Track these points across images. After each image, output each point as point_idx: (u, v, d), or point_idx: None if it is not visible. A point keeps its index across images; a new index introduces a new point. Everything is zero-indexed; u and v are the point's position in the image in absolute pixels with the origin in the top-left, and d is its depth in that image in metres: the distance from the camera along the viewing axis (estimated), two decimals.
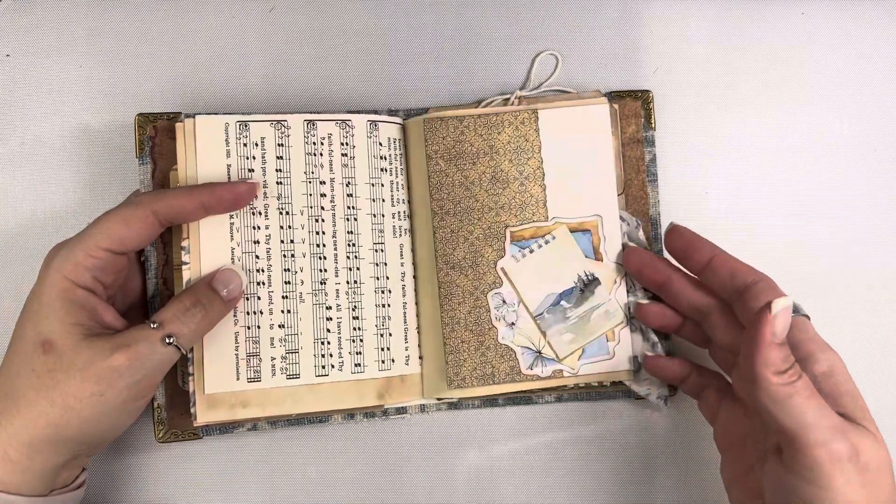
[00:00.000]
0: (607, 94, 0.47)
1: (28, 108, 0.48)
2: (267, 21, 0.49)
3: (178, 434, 0.44)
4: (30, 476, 0.37)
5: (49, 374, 0.37)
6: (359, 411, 0.46)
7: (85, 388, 0.37)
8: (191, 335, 0.40)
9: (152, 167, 0.45)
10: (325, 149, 0.45)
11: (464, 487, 0.47)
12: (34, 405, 0.37)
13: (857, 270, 0.49)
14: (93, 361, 0.37)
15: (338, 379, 0.45)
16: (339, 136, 0.45)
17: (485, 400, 0.46)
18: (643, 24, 0.49)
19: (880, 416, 0.48)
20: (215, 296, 0.41)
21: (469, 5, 0.49)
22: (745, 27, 0.50)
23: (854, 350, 0.48)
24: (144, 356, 0.38)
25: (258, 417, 0.44)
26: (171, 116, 0.45)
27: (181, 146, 0.44)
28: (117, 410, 0.38)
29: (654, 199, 0.47)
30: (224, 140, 0.44)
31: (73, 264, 0.38)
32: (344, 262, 0.45)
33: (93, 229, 0.39)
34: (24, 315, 0.39)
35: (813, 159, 0.49)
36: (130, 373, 0.37)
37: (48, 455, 0.38)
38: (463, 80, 0.49)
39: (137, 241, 0.40)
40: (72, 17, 0.48)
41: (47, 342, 0.37)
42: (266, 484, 0.47)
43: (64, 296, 0.38)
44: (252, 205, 0.44)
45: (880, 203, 0.49)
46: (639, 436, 0.47)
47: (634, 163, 0.47)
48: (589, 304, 0.45)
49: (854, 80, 0.49)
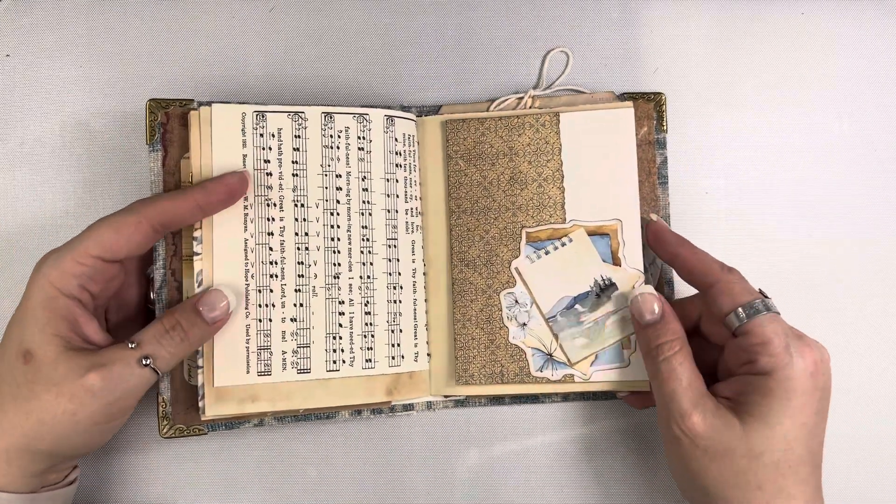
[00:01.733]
0: (620, 96, 0.47)
1: (28, 108, 0.48)
2: (267, 21, 0.49)
3: (183, 430, 0.44)
4: (12, 478, 0.37)
5: (27, 385, 0.37)
6: (366, 407, 0.45)
7: (59, 405, 0.36)
8: (169, 358, 0.39)
9: (163, 154, 0.44)
10: (342, 142, 0.45)
11: (464, 487, 0.47)
12: (10, 414, 0.37)
13: (857, 270, 0.49)
14: (68, 378, 0.36)
15: (348, 374, 0.44)
16: (357, 129, 0.45)
17: (491, 398, 0.46)
18: (643, 24, 0.50)
19: (880, 414, 0.48)
20: (197, 318, 0.39)
21: (469, 5, 0.49)
22: (745, 27, 0.50)
23: (854, 349, 0.48)
24: (119, 377, 0.37)
25: (266, 412, 0.44)
26: (184, 103, 0.45)
27: (195, 135, 0.43)
28: (88, 431, 0.38)
29: (664, 201, 0.47)
30: (240, 130, 0.43)
31: (61, 271, 0.38)
32: (358, 256, 0.45)
33: (83, 236, 0.38)
34: (11, 320, 0.38)
35: (813, 159, 0.49)
36: (104, 394, 0.37)
37: (24, 462, 0.37)
38: (463, 80, 0.49)
39: (128, 248, 0.39)
40: (72, 17, 0.48)
41: (28, 352, 0.37)
42: (269, 481, 0.47)
43: (47, 304, 0.37)
44: (267, 196, 0.44)
45: (880, 203, 0.49)
46: (640, 436, 0.48)
47: (646, 165, 0.47)
48: (605, 309, 0.45)
49: (854, 80, 0.49)
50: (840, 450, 0.47)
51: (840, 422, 0.47)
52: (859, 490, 0.48)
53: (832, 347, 0.48)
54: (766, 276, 0.48)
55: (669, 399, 0.39)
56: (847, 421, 0.48)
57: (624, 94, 0.47)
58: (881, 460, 0.48)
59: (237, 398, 0.43)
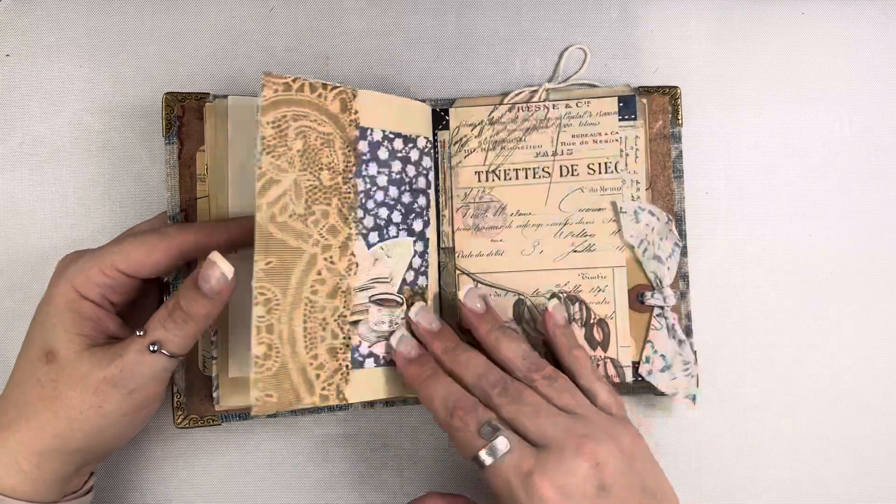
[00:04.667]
0: (636, 89, 0.47)
1: (28, 108, 0.48)
2: (267, 21, 0.49)
3: (197, 420, 0.44)
4: (41, 485, 0.37)
5: (52, 384, 0.37)
6: (381, 400, 0.45)
7: (84, 400, 0.37)
8: (178, 340, 0.38)
9: (179, 147, 0.44)
10: None
11: (472, 483, 0.47)
12: (40, 416, 0.37)
13: (856, 270, 0.49)
14: (90, 373, 0.37)
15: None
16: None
17: None
18: (643, 24, 0.50)
19: (880, 415, 0.48)
20: (197, 294, 0.38)
21: (469, 5, 0.49)
22: (745, 27, 0.50)
23: (853, 349, 0.48)
24: (132, 365, 0.37)
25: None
26: (200, 97, 0.45)
27: (210, 127, 0.43)
28: (118, 423, 0.38)
29: (679, 195, 0.47)
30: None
31: (85, 278, 0.38)
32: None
33: (113, 248, 0.39)
34: (33, 322, 0.39)
35: (813, 159, 0.49)
36: (123, 383, 0.37)
37: (57, 465, 0.38)
38: (463, 80, 0.49)
39: (154, 270, 0.39)
40: (72, 17, 0.48)
41: (51, 352, 0.37)
42: (278, 473, 0.47)
43: (71, 306, 0.38)
44: None
45: (880, 203, 0.49)
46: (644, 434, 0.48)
47: (661, 158, 0.47)
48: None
49: (854, 80, 0.50)
50: (846, 455, 0.48)
51: (854, 423, 0.48)
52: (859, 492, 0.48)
53: (833, 347, 0.48)
54: (766, 276, 0.48)
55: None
56: (863, 423, 0.48)
57: (640, 87, 0.47)
58: (883, 461, 0.48)
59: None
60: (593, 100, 0.47)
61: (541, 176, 0.47)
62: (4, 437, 0.37)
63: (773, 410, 0.48)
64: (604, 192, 0.46)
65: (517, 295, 0.46)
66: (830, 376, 0.48)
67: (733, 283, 0.49)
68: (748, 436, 0.48)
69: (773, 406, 0.48)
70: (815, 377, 0.48)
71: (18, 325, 0.46)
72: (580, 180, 0.47)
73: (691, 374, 0.45)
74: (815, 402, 0.48)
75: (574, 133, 0.47)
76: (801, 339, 0.48)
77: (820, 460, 0.48)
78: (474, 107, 0.48)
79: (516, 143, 0.47)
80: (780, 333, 0.48)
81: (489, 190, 0.47)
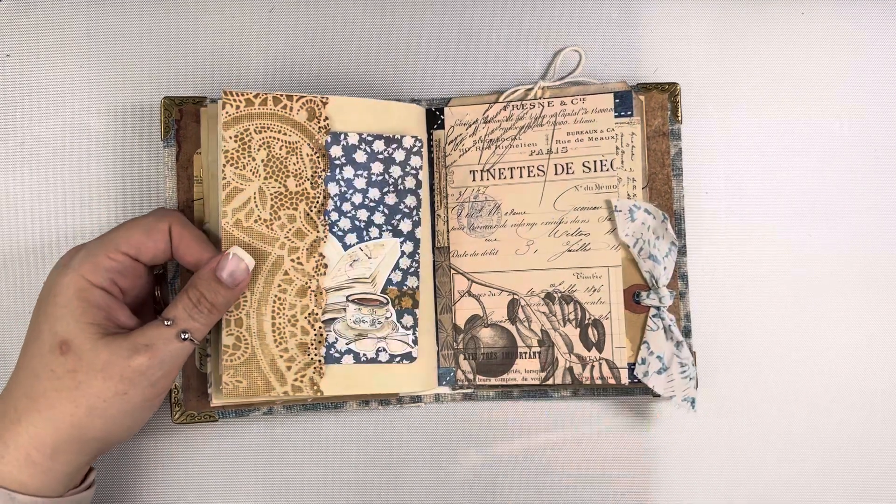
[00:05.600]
0: (634, 86, 0.47)
1: (28, 108, 0.48)
2: (267, 21, 0.49)
3: (194, 416, 0.45)
4: (51, 477, 0.38)
5: (69, 374, 0.37)
6: (374, 398, 0.46)
7: (108, 388, 0.37)
8: (203, 329, 0.40)
9: (177, 150, 0.45)
10: None
11: (465, 485, 0.47)
12: (56, 406, 0.37)
13: (856, 270, 0.48)
14: (113, 362, 0.37)
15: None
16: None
17: (500, 392, 0.47)
18: (643, 24, 0.49)
19: (880, 415, 0.48)
20: (219, 286, 0.40)
21: (470, 5, 0.50)
22: (745, 27, 0.50)
23: (853, 349, 0.48)
24: (165, 354, 0.38)
25: (274, 401, 0.44)
26: (197, 101, 0.46)
27: (205, 130, 0.44)
28: (139, 407, 0.39)
29: (678, 193, 0.47)
30: None
31: (93, 264, 0.39)
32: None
33: (114, 234, 0.40)
34: (38, 316, 0.39)
35: (812, 159, 0.49)
36: (152, 371, 0.38)
37: (72, 455, 0.38)
38: (463, 80, 0.49)
39: (154, 252, 0.40)
40: (72, 17, 0.49)
41: (64, 343, 0.37)
42: (276, 469, 0.47)
43: (81, 295, 0.38)
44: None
45: (880, 203, 0.49)
46: (640, 435, 0.48)
47: (659, 156, 0.47)
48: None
49: (854, 80, 0.49)
50: (845, 455, 0.48)
51: (854, 423, 0.48)
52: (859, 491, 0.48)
53: (833, 347, 0.48)
54: (766, 276, 0.48)
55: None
56: (862, 424, 0.48)
57: (638, 84, 0.47)
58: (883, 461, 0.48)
59: None
60: (589, 96, 0.47)
61: (535, 174, 0.47)
62: (17, 432, 0.37)
63: (772, 411, 0.48)
64: (599, 191, 0.46)
65: (511, 294, 0.47)
66: (830, 376, 0.48)
67: (733, 284, 0.48)
68: (747, 436, 0.48)
69: (772, 406, 0.48)
70: (814, 377, 0.48)
71: (18, 324, 0.46)
72: (575, 178, 0.47)
73: (689, 375, 0.45)
74: (814, 403, 0.48)
75: (569, 130, 0.47)
76: (800, 338, 0.48)
77: (819, 460, 0.48)
78: (469, 105, 0.48)
79: (511, 141, 0.47)
80: (780, 333, 0.48)
81: (484, 189, 0.47)
